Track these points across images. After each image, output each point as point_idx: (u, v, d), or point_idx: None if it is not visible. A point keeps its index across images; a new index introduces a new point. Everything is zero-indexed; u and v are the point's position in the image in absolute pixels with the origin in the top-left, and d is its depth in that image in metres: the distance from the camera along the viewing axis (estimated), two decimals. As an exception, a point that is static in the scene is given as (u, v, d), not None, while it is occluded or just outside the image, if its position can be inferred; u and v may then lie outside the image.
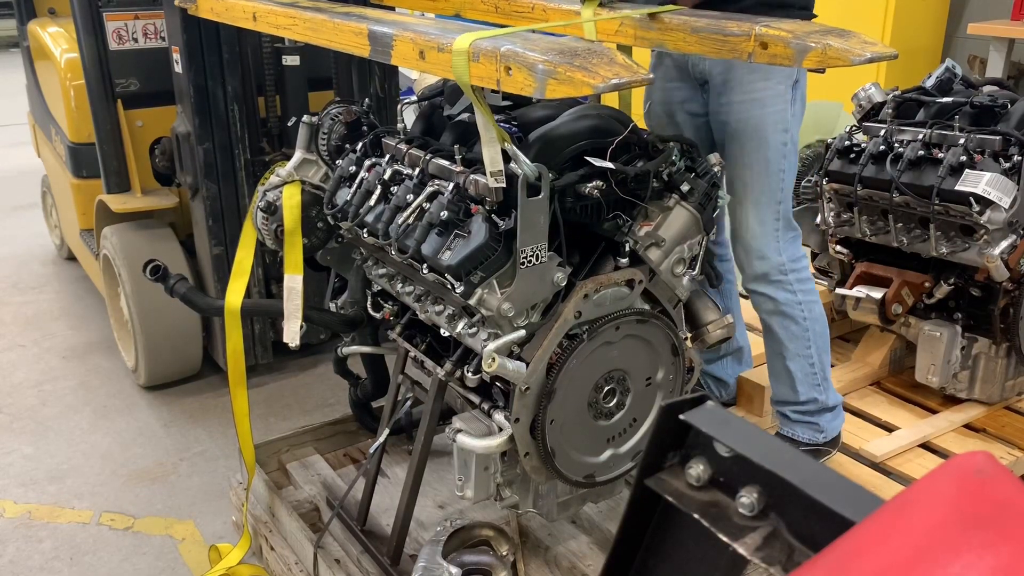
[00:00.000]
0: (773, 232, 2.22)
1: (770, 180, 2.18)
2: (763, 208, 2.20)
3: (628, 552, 0.63)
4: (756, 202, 2.20)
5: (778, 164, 2.18)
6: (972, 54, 5.38)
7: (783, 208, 2.22)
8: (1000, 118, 2.29)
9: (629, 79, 1.32)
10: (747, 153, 2.18)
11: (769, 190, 2.19)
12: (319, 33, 1.85)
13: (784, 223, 2.23)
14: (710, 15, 1.72)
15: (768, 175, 2.18)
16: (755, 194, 2.19)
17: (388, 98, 3.22)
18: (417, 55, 1.54)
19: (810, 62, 1.52)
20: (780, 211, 2.22)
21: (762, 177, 2.18)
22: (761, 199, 2.19)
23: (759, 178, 2.18)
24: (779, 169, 2.18)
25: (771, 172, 2.17)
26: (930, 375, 2.45)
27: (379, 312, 2.15)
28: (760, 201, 2.20)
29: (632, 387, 1.85)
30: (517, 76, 1.35)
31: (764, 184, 2.18)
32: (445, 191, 1.74)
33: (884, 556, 0.44)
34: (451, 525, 2.07)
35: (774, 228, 2.22)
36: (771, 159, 2.16)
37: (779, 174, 2.19)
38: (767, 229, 2.22)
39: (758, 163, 2.17)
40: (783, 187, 2.20)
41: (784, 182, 2.20)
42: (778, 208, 2.21)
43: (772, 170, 2.17)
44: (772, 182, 2.18)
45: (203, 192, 2.99)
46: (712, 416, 0.59)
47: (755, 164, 2.17)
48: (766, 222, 2.21)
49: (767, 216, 2.21)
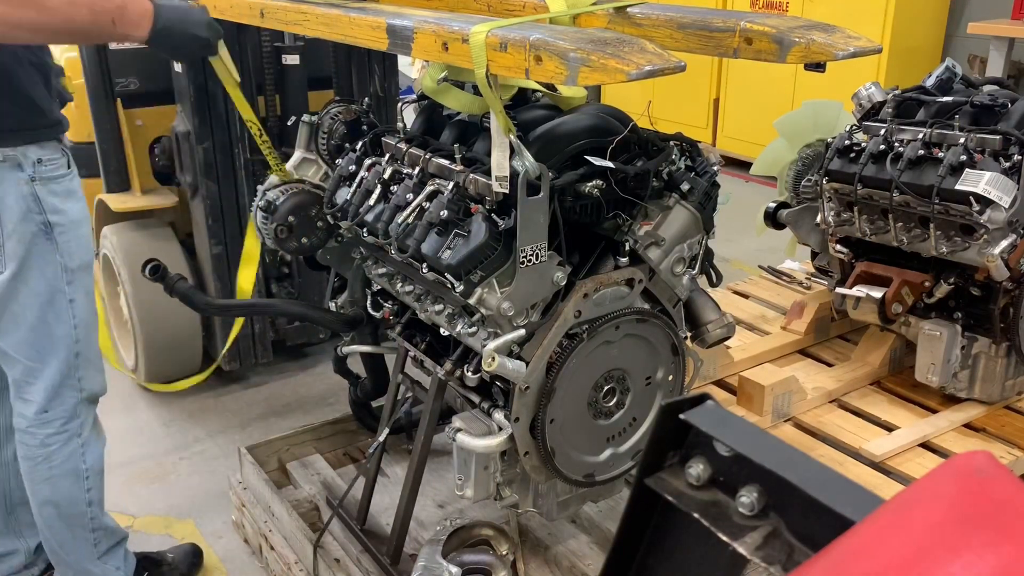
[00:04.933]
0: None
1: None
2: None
3: (628, 551, 0.63)
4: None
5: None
6: (972, 53, 5.38)
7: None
8: (1000, 117, 2.29)
9: (662, 66, 1.32)
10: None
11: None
12: (334, 28, 1.84)
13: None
14: (695, 11, 1.73)
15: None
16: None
17: (388, 97, 3.22)
18: (440, 47, 1.54)
19: (794, 57, 1.52)
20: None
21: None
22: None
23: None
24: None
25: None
26: (930, 374, 2.44)
27: (379, 311, 2.15)
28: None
29: (632, 386, 1.85)
30: (548, 65, 1.34)
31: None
32: (445, 190, 1.74)
33: (884, 555, 0.44)
34: (451, 524, 2.07)
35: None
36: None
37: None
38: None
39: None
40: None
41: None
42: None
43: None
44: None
45: (203, 191, 2.99)
46: (712, 415, 0.59)
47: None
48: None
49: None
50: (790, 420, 2.55)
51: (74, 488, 2.01)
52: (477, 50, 1.44)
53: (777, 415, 2.52)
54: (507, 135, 1.58)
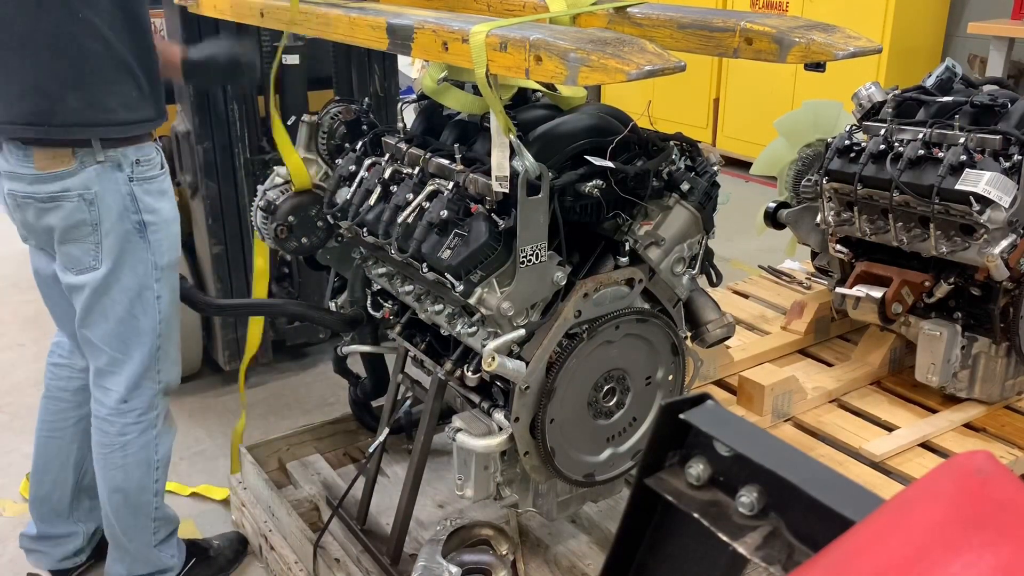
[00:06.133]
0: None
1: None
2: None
3: (628, 551, 0.63)
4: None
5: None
6: (972, 53, 5.38)
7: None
8: (1000, 117, 2.29)
9: (662, 66, 1.32)
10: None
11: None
12: (333, 28, 1.85)
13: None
14: (696, 11, 1.73)
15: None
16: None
17: (388, 97, 3.22)
18: (440, 47, 1.54)
19: (794, 57, 1.52)
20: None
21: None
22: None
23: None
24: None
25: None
26: (930, 374, 2.44)
27: (379, 311, 2.15)
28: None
29: (632, 386, 1.85)
30: (548, 64, 1.34)
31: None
32: (445, 190, 1.74)
33: (884, 555, 0.44)
34: (451, 524, 2.07)
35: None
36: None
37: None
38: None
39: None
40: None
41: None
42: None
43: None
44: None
45: (203, 191, 2.99)
46: (712, 415, 0.59)
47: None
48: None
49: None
50: (790, 420, 2.55)
51: (144, 477, 2.09)
52: (477, 50, 1.44)
53: (777, 415, 2.52)
54: (507, 135, 1.58)
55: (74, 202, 1.86)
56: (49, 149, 1.83)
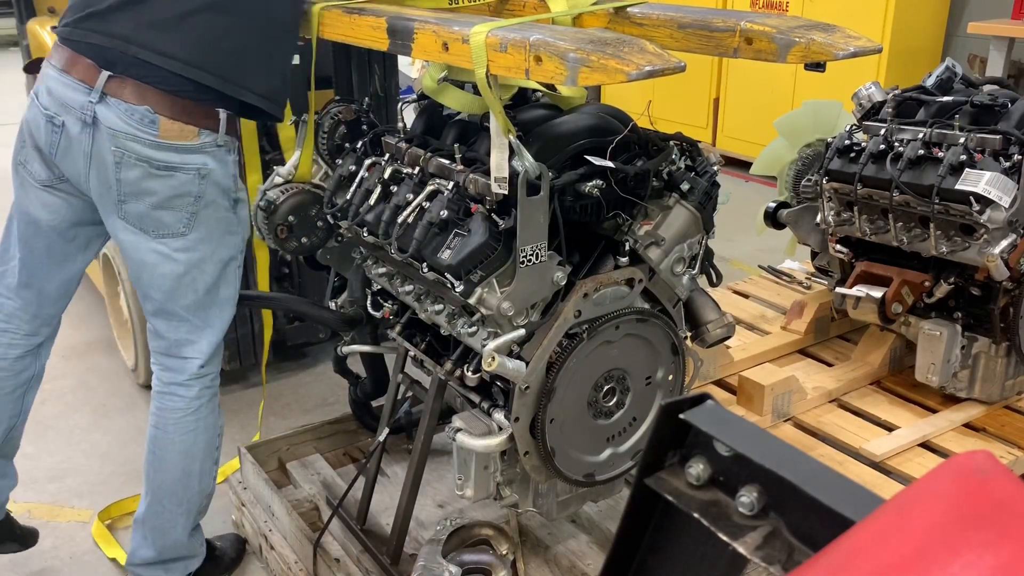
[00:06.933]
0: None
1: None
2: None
3: (628, 551, 0.63)
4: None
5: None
6: (972, 53, 5.38)
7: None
8: (1000, 117, 2.29)
9: (662, 66, 1.32)
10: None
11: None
12: (334, 28, 1.85)
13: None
14: (696, 11, 1.73)
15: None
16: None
17: (388, 97, 3.22)
18: (440, 47, 1.54)
19: (794, 57, 1.52)
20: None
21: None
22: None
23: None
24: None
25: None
26: (930, 374, 2.44)
27: (379, 311, 2.15)
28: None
29: (632, 386, 1.85)
30: (547, 65, 1.34)
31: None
32: (445, 190, 1.74)
33: (884, 555, 0.44)
34: (451, 524, 2.07)
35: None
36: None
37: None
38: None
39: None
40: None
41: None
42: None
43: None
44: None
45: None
46: (712, 415, 0.59)
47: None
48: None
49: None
50: (790, 420, 2.55)
51: (211, 443, 2.15)
52: (477, 50, 1.44)
53: (777, 415, 2.52)
54: (507, 135, 1.58)
55: (190, 175, 1.89)
56: (176, 122, 1.85)
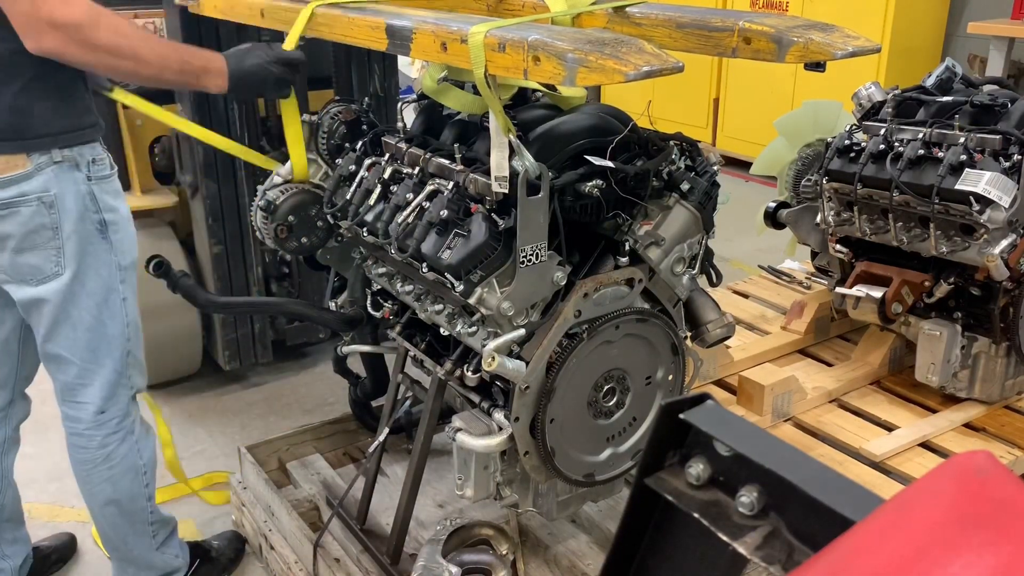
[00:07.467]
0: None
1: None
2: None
3: (628, 551, 0.63)
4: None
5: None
6: (972, 53, 5.38)
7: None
8: (1000, 117, 2.29)
9: (660, 67, 1.32)
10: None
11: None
12: (333, 28, 1.85)
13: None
14: (694, 11, 1.73)
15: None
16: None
17: (388, 97, 3.22)
18: (439, 47, 1.54)
19: (793, 56, 1.52)
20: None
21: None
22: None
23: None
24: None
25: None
26: (930, 374, 2.44)
27: (379, 311, 2.14)
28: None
29: (632, 386, 1.85)
30: (546, 65, 1.34)
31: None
32: (445, 190, 1.74)
33: (884, 555, 0.44)
34: (451, 524, 2.07)
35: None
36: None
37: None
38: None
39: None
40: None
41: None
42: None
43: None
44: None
45: (203, 191, 2.99)
46: (712, 415, 0.59)
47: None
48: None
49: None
50: (790, 420, 2.55)
51: (134, 484, 2.05)
52: (476, 50, 1.44)
53: (777, 415, 2.52)
54: (506, 135, 1.58)
55: (33, 206, 1.76)
56: (0, 156, 1.72)
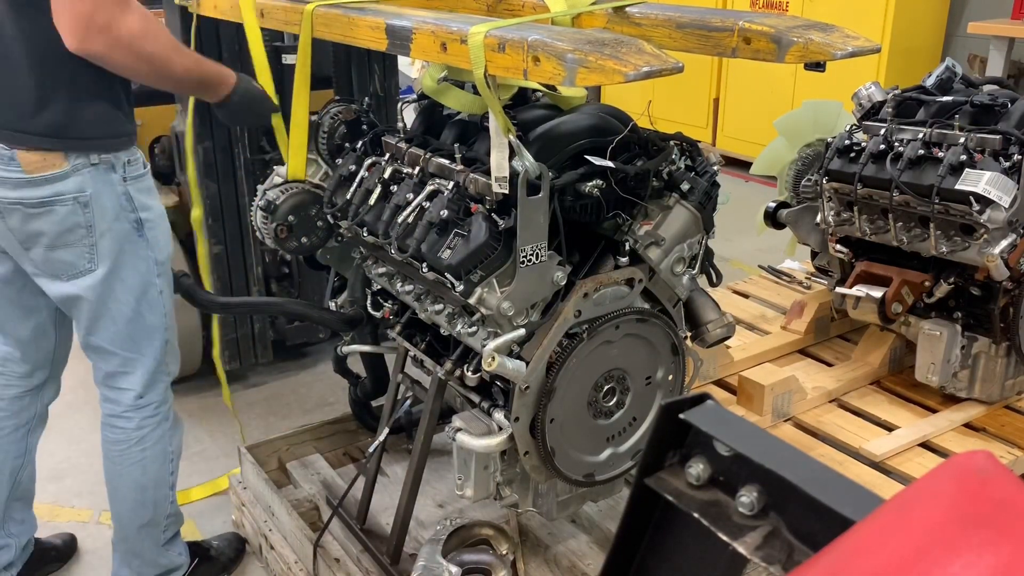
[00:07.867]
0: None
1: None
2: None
3: (628, 551, 0.63)
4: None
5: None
6: (972, 53, 5.38)
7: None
8: (1000, 117, 2.29)
9: (660, 67, 1.32)
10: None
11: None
12: (332, 29, 1.85)
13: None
14: (694, 11, 1.73)
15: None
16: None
17: (388, 97, 3.22)
18: (439, 47, 1.54)
19: (792, 56, 1.52)
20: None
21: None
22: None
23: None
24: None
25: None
26: (930, 374, 2.44)
27: (379, 311, 2.15)
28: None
29: (632, 386, 1.85)
30: (546, 65, 1.34)
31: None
32: (445, 190, 1.74)
33: (884, 555, 0.44)
34: (451, 524, 2.07)
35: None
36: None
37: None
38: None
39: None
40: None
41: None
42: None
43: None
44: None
45: (203, 191, 2.99)
46: (712, 415, 0.59)
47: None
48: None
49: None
50: (790, 420, 2.55)
51: (162, 470, 2.11)
52: (475, 51, 1.44)
53: (777, 415, 2.52)
54: (506, 135, 1.58)
55: (68, 206, 1.82)
56: (37, 152, 1.78)
